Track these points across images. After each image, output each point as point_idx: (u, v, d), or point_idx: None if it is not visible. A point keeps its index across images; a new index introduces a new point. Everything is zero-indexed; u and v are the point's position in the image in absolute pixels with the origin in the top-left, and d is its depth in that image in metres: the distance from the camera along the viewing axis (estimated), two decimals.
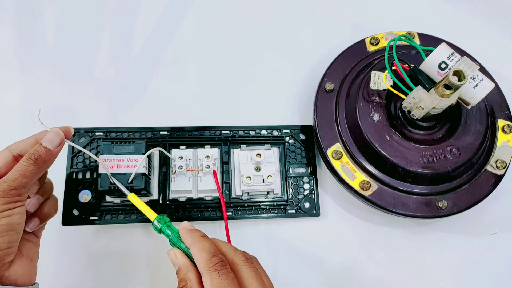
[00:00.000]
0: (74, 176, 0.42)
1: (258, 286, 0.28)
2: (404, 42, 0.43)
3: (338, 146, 0.42)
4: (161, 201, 0.42)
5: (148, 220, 0.41)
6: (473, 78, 0.36)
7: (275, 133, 0.45)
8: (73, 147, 0.43)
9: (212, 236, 0.42)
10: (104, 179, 0.36)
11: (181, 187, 0.41)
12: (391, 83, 0.40)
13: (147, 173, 0.38)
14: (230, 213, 0.42)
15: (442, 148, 0.40)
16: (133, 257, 0.41)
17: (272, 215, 0.42)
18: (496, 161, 0.42)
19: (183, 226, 0.31)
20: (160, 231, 0.32)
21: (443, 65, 0.36)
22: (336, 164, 0.42)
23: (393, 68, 0.39)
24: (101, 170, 0.37)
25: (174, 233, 0.31)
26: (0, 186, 0.28)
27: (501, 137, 0.43)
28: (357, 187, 0.41)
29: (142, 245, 0.42)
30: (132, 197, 0.33)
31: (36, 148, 0.30)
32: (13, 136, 0.44)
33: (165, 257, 0.41)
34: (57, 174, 0.40)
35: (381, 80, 0.42)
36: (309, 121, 0.47)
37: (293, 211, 0.43)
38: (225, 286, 0.26)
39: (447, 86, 0.35)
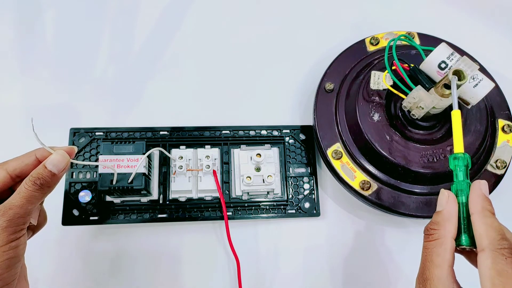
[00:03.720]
0: (74, 176, 0.42)
1: None
2: (404, 42, 0.43)
3: (338, 146, 0.42)
4: (161, 201, 0.42)
5: (146, 220, 0.41)
6: (473, 78, 0.36)
7: (275, 133, 0.45)
8: None
9: (212, 236, 0.42)
10: (104, 179, 0.36)
11: (181, 187, 0.41)
12: (391, 83, 0.40)
13: (147, 173, 0.38)
14: (230, 213, 0.42)
15: (442, 148, 0.40)
16: (133, 257, 0.41)
17: (272, 215, 0.42)
18: (496, 161, 0.42)
19: (479, 187, 0.28)
20: (454, 167, 0.30)
21: (443, 65, 0.36)
22: (336, 164, 0.42)
23: (393, 68, 0.39)
24: (101, 170, 0.37)
25: (465, 182, 0.29)
26: (6, 214, 0.26)
27: (501, 137, 0.43)
28: (357, 187, 0.41)
29: (142, 245, 0.42)
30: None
31: (41, 172, 0.28)
32: (13, 136, 0.44)
33: (165, 257, 0.41)
34: None
35: (381, 80, 0.42)
36: (309, 121, 0.47)
37: (293, 211, 0.43)
38: (509, 276, 0.24)
39: (447, 86, 0.35)
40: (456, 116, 0.31)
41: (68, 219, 0.40)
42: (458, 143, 0.30)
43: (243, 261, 0.40)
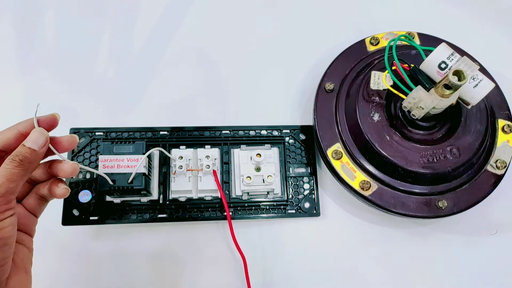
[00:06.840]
0: (74, 176, 0.42)
1: None
2: (404, 42, 0.43)
3: (338, 146, 0.42)
4: (161, 201, 0.42)
5: (146, 220, 0.41)
6: (473, 78, 0.36)
7: (275, 133, 0.45)
8: None
9: (212, 236, 0.42)
10: (104, 180, 0.36)
11: (181, 187, 0.41)
12: (391, 83, 0.40)
13: (147, 173, 0.38)
14: (230, 213, 0.42)
15: (442, 148, 0.40)
16: (133, 257, 0.41)
17: (272, 215, 0.42)
18: (496, 161, 0.42)
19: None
20: None
21: (443, 65, 0.36)
22: (336, 164, 0.42)
23: (393, 68, 0.39)
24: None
25: None
26: None
27: (501, 137, 0.43)
28: (357, 187, 0.41)
29: (142, 245, 0.42)
30: None
31: (20, 150, 0.27)
32: None
33: (165, 257, 0.42)
34: None
35: (381, 80, 0.42)
36: (309, 121, 0.47)
37: (293, 211, 0.43)
38: None
39: (447, 86, 0.35)
40: None
41: (68, 219, 0.40)
42: None
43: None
